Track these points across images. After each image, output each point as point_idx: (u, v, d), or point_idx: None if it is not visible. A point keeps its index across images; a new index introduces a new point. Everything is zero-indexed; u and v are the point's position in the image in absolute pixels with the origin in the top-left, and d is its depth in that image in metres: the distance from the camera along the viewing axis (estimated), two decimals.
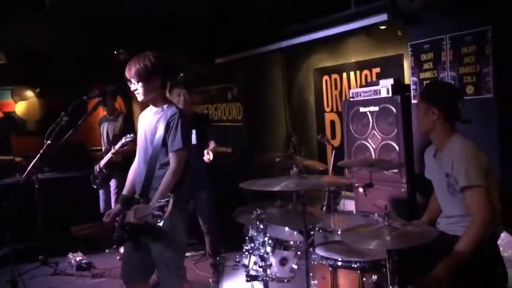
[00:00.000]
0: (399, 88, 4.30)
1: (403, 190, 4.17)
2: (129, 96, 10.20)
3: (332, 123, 5.80)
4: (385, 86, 4.30)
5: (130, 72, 2.92)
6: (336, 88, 5.70)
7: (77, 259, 5.27)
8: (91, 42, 6.25)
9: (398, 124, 4.18)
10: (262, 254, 2.52)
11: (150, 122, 3.02)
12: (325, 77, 5.82)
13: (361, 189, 3.62)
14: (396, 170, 4.15)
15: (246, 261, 2.61)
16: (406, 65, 4.85)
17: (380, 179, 4.18)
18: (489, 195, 2.53)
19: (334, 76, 5.69)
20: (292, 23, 5.19)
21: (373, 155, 4.42)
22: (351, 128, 4.65)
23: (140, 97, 2.98)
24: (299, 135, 6.25)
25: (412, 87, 4.06)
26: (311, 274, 2.60)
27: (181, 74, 8.30)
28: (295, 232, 2.85)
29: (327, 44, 5.55)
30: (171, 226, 2.87)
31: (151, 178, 2.93)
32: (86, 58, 7.06)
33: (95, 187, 5.48)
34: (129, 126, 5.37)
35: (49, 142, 3.48)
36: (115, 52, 6.24)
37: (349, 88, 5.47)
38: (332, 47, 5.61)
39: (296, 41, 5.18)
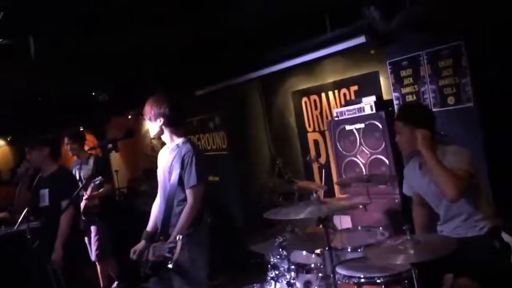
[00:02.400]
0: (382, 104, 4.50)
1: (397, 201, 4.33)
2: (101, 134, 10.20)
3: (316, 142, 5.96)
4: (368, 103, 4.50)
5: (145, 110, 3.10)
6: (316, 109, 5.88)
7: None
8: (67, 84, 6.23)
9: (385, 139, 4.37)
10: (288, 280, 2.61)
11: (167, 159, 3.13)
12: (304, 99, 6.00)
13: (361, 206, 3.75)
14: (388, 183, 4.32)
15: None
16: (383, 81, 5.10)
17: (373, 192, 4.32)
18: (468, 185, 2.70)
19: (313, 97, 5.88)
20: (269, 50, 5.34)
21: (364, 170, 4.58)
22: (338, 146, 4.82)
23: (151, 132, 3.25)
24: (284, 157, 6.38)
25: (395, 102, 4.26)
26: None
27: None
28: (313, 255, 2.95)
29: (303, 67, 5.73)
30: (190, 263, 2.94)
31: (170, 215, 3.01)
32: (61, 102, 7.04)
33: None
34: (103, 167, 5.26)
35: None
36: (94, 94, 6.25)
37: (329, 107, 5.67)
38: (308, 69, 5.79)
39: (275, 68, 5.34)
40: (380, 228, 3.41)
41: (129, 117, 8.86)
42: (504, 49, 3.67)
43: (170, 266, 2.56)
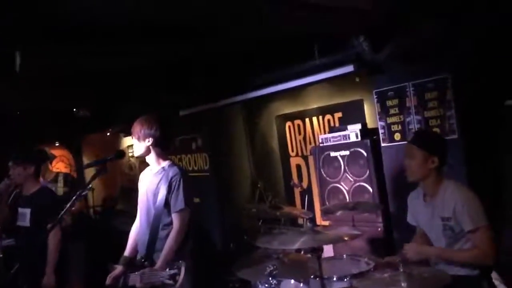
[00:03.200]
0: (367, 132, 4.55)
1: (379, 229, 4.36)
2: (77, 151, 10.03)
3: (298, 167, 5.97)
4: (353, 131, 4.55)
5: (133, 129, 3.06)
6: (299, 133, 5.91)
7: None
8: (47, 100, 6.12)
9: (369, 166, 4.41)
10: None
11: (152, 182, 3.07)
12: (288, 123, 6.03)
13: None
14: None
15: None
16: (367, 109, 5.17)
17: (356, 220, 4.35)
18: (492, 232, 2.74)
19: (297, 121, 5.91)
20: (256, 74, 5.37)
21: (347, 197, 4.61)
22: (323, 172, 4.84)
23: (135, 152, 3.17)
24: (265, 181, 6.37)
25: (381, 131, 4.31)
26: None
27: None
28: (301, 284, 2.92)
29: (288, 91, 5.75)
30: None
31: (155, 239, 2.94)
32: (39, 117, 6.92)
33: None
34: (72, 186, 5.14)
35: None
36: (75, 110, 6.16)
37: (313, 132, 5.71)
38: (293, 94, 5.82)
39: (260, 92, 5.36)
40: (366, 258, 3.41)
41: (108, 134, 8.77)
42: (488, 84, 3.77)
43: None
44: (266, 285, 2.68)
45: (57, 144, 9.65)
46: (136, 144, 3.16)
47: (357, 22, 3.82)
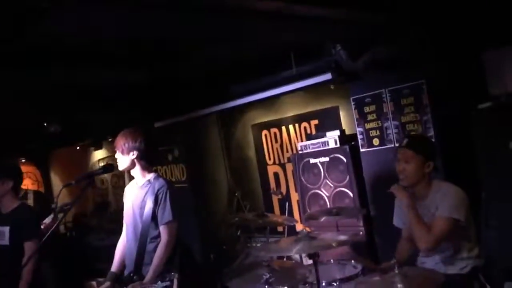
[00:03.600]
0: (345, 138, 4.64)
1: (361, 233, 4.43)
2: (44, 166, 9.78)
3: (276, 174, 6.02)
4: (332, 137, 4.63)
5: (117, 143, 3.01)
6: (276, 141, 5.96)
7: None
8: (15, 115, 5.96)
9: (349, 172, 4.49)
10: None
11: (137, 196, 3.03)
12: (264, 132, 6.07)
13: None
14: None
15: None
16: (343, 116, 5.27)
17: (338, 224, 4.41)
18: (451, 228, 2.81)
19: (273, 130, 5.96)
20: (232, 84, 5.39)
21: (328, 203, 4.67)
22: (302, 179, 4.89)
23: (120, 166, 3.11)
24: (243, 189, 6.39)
25: (359, 136, 4.40)
26: None
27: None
28: None
29: (264, 101, 5.81)
30: None
31: (143, 253, 2.91)
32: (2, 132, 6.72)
33: None
34: (44, 203, 5.01)
35: None
36: (45, 124, 6.02)
37: (290, 140, 5.77)
38: (268, 103, 5.87)
39: (236, 102, 5.40)
40: (352, 261, 3.45)
41: (77, 148, 8.61)
42: (463, 87, 3.92)
43: None
44: None
45: (23, 161, 9.41)
46: (120, 158, 3.12)
47: (333, 32, 3.90)
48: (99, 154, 8.66)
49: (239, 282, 2.97)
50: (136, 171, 3.13)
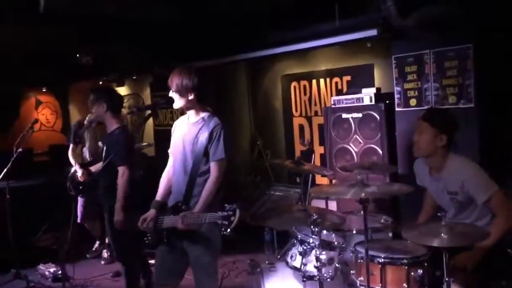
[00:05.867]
0: (380, 96, 4.67)
1: None
2: (64, 98, 9.83)
3: (301, 127, 6.08)
4: (368, 94, 4.66)
5: (171, 82, 3.01)
6: (305, 94, 5.99)
7: (51, 270, 5.05)
8: (52, 41, 5.94)
9: (381, 130, 4.55)
10: (318, 255, 2.71)
11: (189, 131, 3.09)
12: (294, 83, 6.09)
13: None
14: None
15: (296, 263, 2.79)
16: (377, 74, 5.28)
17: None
18: (504, 195, 2.92)
19: (303, 82, 5.99)
20: (268, 31, 5.33)
21: (355, 158, 4.76)
22: (332, 133, 4.96)
23: (175, 105, 3.10)
24: (266, 138, 6.47)
25: (397, 96, 4.43)
26: (353, 271, 2.85)
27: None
28: (333, 234, 3.07)
29: (296, 52, 5.80)
30: (209, 232, 2.97)
31: (193, 186, 3.01)
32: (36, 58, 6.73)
33: (73, 193, 5.23)
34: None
35: None
36: (78, 55, 6.02)
37: (319, 94, 5.80)
38: (301, 54, 5.87)
39: (272, 51, 5.37)
40: (384, 216, 3.60)
41: (100, 83, 8.61)
42: (508, 57, 3.92)
43: (226, 233, 2.58)
44: (304, 233, 2.80)
45: (44, 90, 9.45)
46: (176, 97, 3.10)
47: None
48: (121, 91, 8.68)
49: (279, 222, 3.08)
50: (191, 109, 3.14)
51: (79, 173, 5.07)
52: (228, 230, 2.55)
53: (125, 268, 4.09)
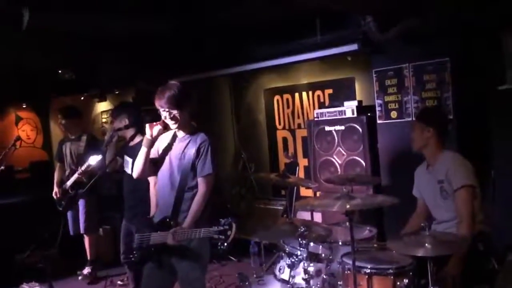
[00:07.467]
0: (362, 109, 4.77)
1: None
2: (44, 114, 9.74)
3: (285, 139, 6.15)
4: (350, 107, 4.75)
5: (158, 100, 3.01)
6: (288, 107, 6.07)
7: None
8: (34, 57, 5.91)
9: (364, 142, 4.64)
10: (306, 267, 2.76)
11: (176, 147, 3.11)
12: (277, 97, 6.18)
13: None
14: None
15: (284, 276, 2.82)
16: (358, 87, 5.39)
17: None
18: (473, 195, 3.07)
19: (286, 95, 6.07)
20: (250, 46, 5.39)
21: (339, 170, 4.84)
22: (315, 145, 5.03)
23: (173, 125, 3.07)
24: (250, 152, 6.52)
25: (378, 108, 4.54)
26: (340, 282, 2.89)
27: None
28: (320, 246, 3.12)
29: (279, 66, 5.87)
30: (199, 247, 2.99)
31: (181, 201, 3.03)
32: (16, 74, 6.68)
33: (60, 209, 5.21)
34: (94, 146, 5.24)
35: None
36: (60, 71, 6.00)
37: (302, 107, 5.89)
38: (283, 68, 5.94)
39: (254, 66, 5.43)
40: (368, 226, 3.66)
41: (82, 98, 8.55)
42: (484, 68, 4.05)
43: (223, 247, 2.59)
44: (298, 244, 2.84)
45: (24, 106, 9.36)
46: (168, 116, 3.06)
47: (368, 3, 3.96)
48: (102, 106, 8.65)
49: (266, 235, 3.12)
50: (182, 127, 3.14)
51: (55, 190, 5.23)
52: (225, 244, 2.57)
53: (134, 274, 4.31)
